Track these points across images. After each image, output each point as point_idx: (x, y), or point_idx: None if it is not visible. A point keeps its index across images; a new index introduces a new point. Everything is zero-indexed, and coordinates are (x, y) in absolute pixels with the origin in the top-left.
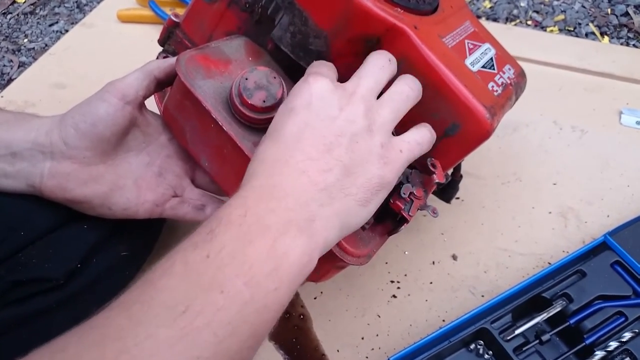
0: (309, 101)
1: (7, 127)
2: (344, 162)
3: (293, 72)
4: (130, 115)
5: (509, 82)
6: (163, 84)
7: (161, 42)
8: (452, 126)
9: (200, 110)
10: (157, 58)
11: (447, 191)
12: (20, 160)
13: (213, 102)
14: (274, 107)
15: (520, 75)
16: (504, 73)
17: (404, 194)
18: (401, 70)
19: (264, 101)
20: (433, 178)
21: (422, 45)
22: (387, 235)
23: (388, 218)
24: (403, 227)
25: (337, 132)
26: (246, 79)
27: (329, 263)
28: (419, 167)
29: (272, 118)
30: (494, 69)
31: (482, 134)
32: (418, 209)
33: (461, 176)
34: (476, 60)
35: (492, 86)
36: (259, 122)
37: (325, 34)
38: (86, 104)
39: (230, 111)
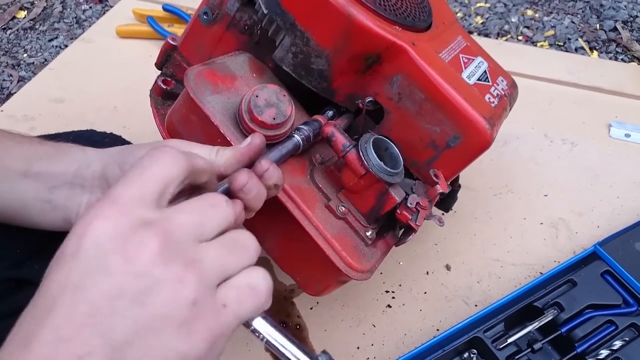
0: (77, 248)
1: (48, 162)
2: (114, 339)
3: (294, 90)
4: None
5: (503, 93)
6: None
7: (159, 65)
8: (454, 138)
9: (208, 126)
10: (156, 82)
11: (446, 201)
12: (58, 194)
13: (221, 118)
14: (284, 124)
15: (513, 86)
16: (498, 85)
17: (411, 204)
18: (400, 85)
19: (274, 118)
20: (437, 188)
21: (421, 61)
22: (393, 245)
23: (389, 232)
24: (411, 237)
25: (113, 294)
26: (257, 96)
27: (331, 278)
28: (421, 179)
29: (280, 135)
30: (488, 82)
31: (482, 144)
32: (424, 219)
33: (459, 186)
34: (471, 73)
35: (489, 98)
36: (267, 139)
37: (327, 53)
38: (139, 148)
39: (238, 127)
